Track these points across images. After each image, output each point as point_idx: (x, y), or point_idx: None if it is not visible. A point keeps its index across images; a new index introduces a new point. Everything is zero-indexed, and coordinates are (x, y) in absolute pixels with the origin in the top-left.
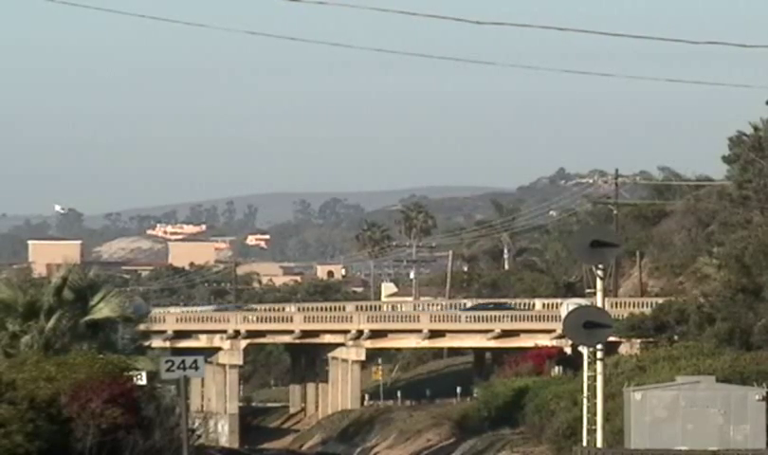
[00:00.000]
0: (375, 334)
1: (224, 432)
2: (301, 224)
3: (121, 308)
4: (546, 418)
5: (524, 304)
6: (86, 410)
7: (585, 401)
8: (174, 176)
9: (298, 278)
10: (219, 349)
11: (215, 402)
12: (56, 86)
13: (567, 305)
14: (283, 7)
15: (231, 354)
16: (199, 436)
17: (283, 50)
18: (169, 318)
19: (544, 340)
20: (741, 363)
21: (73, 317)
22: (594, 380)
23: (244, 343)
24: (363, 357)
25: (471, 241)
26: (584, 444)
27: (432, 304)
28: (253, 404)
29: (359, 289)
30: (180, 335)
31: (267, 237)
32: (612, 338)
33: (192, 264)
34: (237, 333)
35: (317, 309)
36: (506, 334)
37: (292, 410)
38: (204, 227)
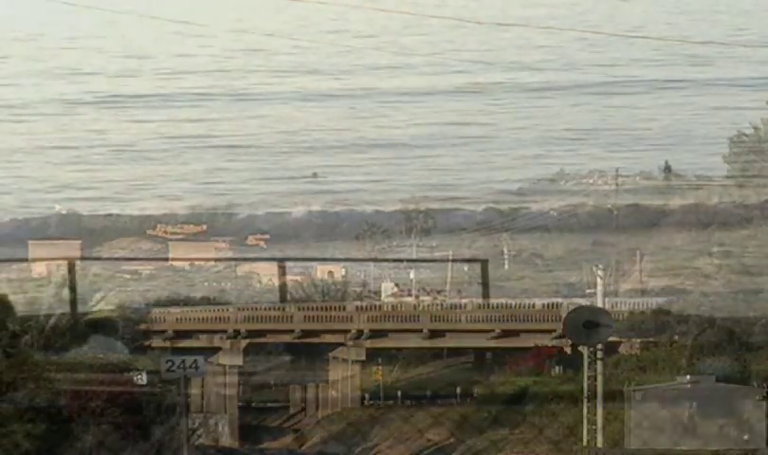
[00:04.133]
0: (375, 334)
1: (224, 432)
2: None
3: (121, 308)
4: (546, 418)
5: (524, 305)
6: (86, 410)
7: (585, 401)
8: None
9: (298, 278)
10: (219, 349)
11: (215, 402)
12: None
13: (567, 305)
14: (283, 7)
15: (231, 355)
16: (199, 436)
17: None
18: (169, 317)
19: (544, 340)
20: (741, 363)
21: (73, 317)
22: (594, 380)
23: (244, 343)
24: (363, 357)
25: (471, 241)
26: (584, 444)
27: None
28: (253, 404)
29: (359, 289)
30: (180, 335)
31: (267, 237)
32: (612, 338)
33: (192, 264)
34: (237, 333)
35: (317, 309)
36: (506, 334)
37: (292, 410)
38: (204, 226)
